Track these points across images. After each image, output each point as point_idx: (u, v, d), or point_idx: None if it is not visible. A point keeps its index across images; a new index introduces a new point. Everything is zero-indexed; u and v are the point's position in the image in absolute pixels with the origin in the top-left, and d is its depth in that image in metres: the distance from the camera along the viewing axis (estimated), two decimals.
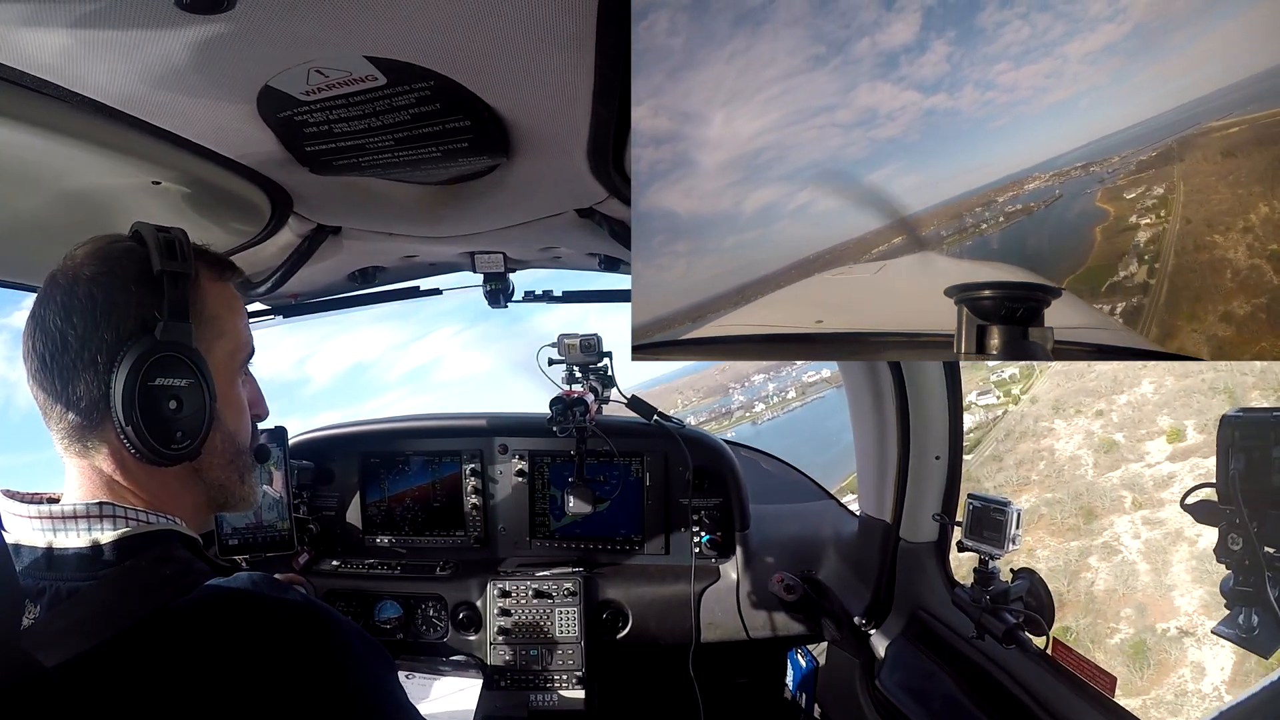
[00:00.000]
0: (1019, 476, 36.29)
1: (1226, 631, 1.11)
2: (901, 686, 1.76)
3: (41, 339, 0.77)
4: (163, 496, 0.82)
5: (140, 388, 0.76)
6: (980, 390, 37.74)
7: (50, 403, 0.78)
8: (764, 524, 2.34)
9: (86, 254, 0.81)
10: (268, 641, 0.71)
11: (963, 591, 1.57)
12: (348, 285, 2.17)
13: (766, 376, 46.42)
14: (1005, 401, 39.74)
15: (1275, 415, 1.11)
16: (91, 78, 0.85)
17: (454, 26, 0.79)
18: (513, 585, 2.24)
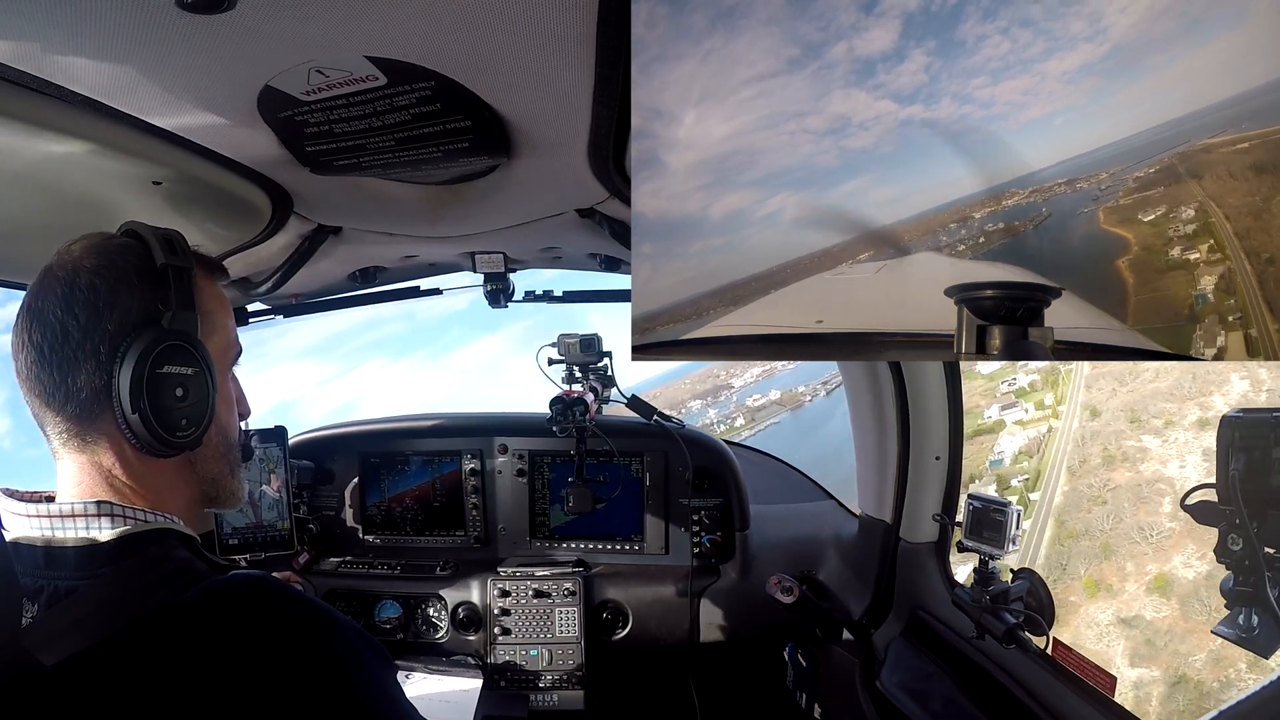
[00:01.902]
0: (1149, 525, 22.34)
1: (1226, 632, 1.11)
2: (901, 686, 1.76)
3: (40, 330, 0.77)
4: (159, 492, 0.82)
5: (148, 375, 0.77)
6: (1002, 405, 29.16)
7: (48, 395, 0.78)
8: (764, 524, 2.34)
9: (84, 248, 0.81)
10: (267, 641, 0.71)
11: (963, 591, 1.57)
12: (348, 285, 2.17)
13: (705, 403, 40.44)
14: (1043, 416, 28.62)
15: (1275, 415, 1.11)
16: (92, 77, 0.85)
17: (454, 27, 0.79)
18: (513, 585, 2.24)
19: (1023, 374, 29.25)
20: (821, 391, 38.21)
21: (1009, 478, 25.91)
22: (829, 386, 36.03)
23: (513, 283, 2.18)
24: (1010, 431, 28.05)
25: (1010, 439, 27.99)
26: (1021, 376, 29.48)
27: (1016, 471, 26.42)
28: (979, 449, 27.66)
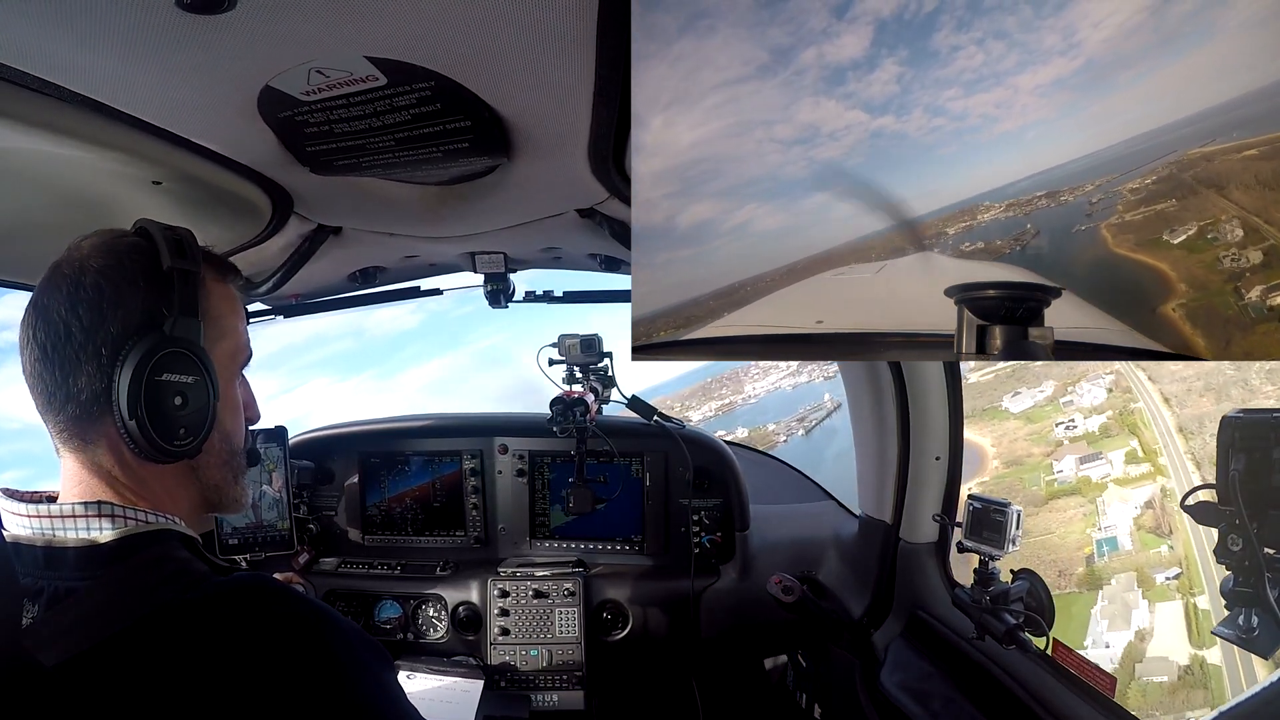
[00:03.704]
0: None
1: (1226, 632, 1.11)
2: (901, 686, 1.76)
3: (44, 329, 0.77)
4: (159, 496, 0.82)
5: (147, 382, 0.76)
6: (1081, 458, 19.98)
7: (49, 394, 0.77)
8: (764, 524, 2.34)
9: (93, 246, 0.80)
10: (267, 642, 0.71)
11: (963, 592, 1.57)
12: (348, 285, 2.17)
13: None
14: (1147, 474, 19.78)
15: (1275, 416, 1.11)
16: (92, 78, 0.85)
17: (455, 27, 0.79)
18: (513, 585, 2.24)
19: (1079, 412, 21.30)
20: (799, 431, 30.58)
21: (1148, 569, 17.12)
22: (806, 425, 30.61)
23: (513, 283, 2.18)
24: (1112, 494, 19.75)
25: (1119, 509, 18.94)
26: (1080, 417, 21.18)
27: (1153, 562, 17.38)
28: (1062, 520, 19.20)
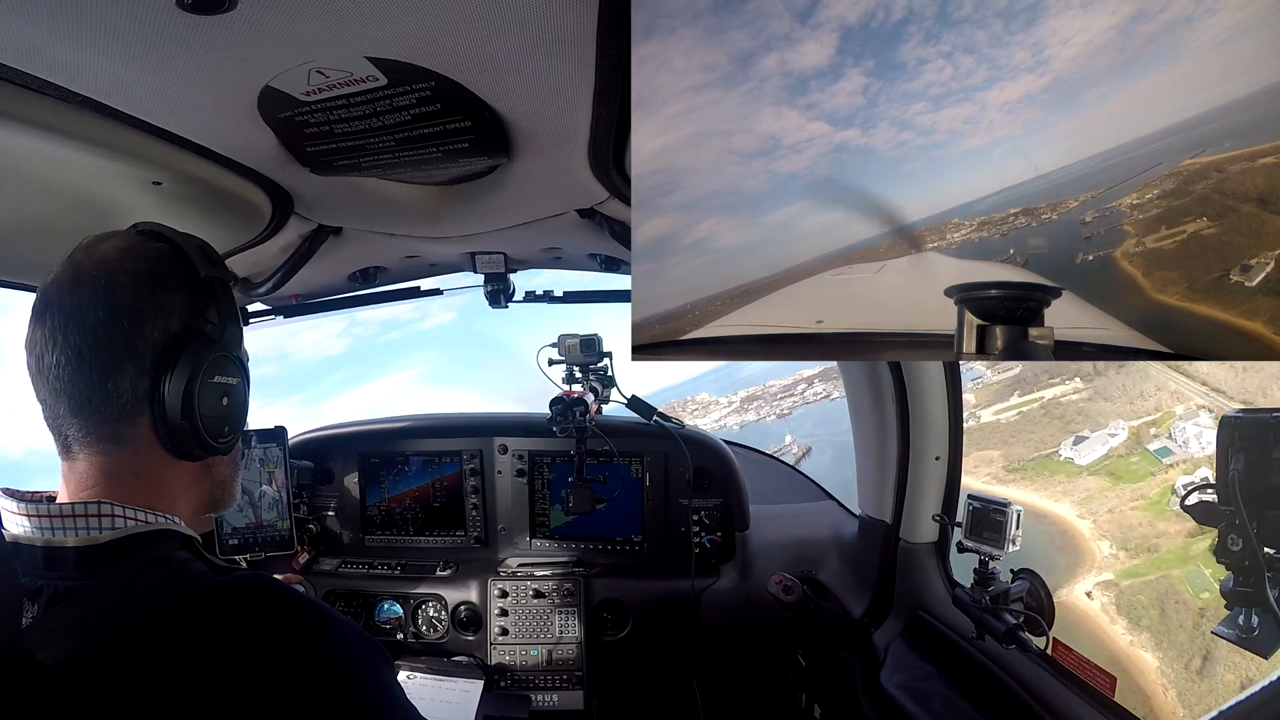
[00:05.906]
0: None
1: (1226, 632, 1.11)
2: (901, 686, 1.76)
3: (78, 331, 0.76)
4: (175, 494, 0.83)
5: (201, 384, 0.80)
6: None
7: (83, 397, 0.77)
8: (764, 524, 2.34)
9: (119, 251, 0.81)
10: (266, 641, 0.71)
11: (963, 592, 1.57)
12: (349, 285, 2.17)
13: None
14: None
15: (1275, 416, 1.11)
16: (92, 78, 0.85)
17: (455, 27, 0.79)
18: (513, 585, 2.24)
19: (1203, 464, 20.04)
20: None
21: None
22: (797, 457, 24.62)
23: (513, 283, 2.18)
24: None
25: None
26: (1208, 471, 15.38)
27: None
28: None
